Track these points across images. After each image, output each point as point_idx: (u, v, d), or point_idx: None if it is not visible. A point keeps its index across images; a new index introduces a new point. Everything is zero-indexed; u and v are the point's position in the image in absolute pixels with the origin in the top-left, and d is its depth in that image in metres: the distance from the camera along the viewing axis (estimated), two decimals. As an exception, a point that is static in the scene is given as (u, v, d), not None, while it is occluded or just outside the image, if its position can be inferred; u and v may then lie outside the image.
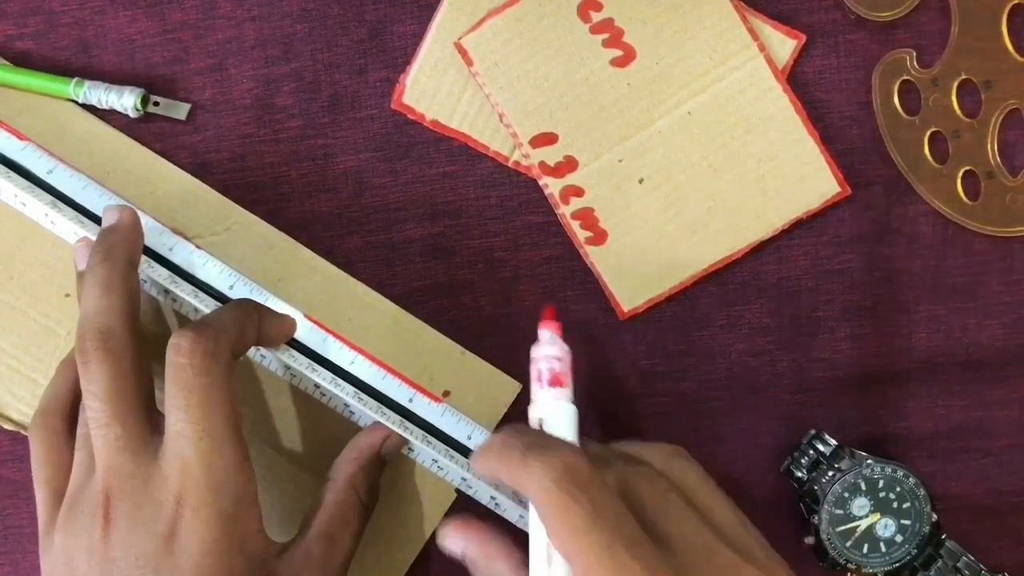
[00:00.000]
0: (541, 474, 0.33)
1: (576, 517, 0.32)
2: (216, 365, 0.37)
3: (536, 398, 0.38)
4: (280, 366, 0.43)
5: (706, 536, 0.34)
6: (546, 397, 0.38)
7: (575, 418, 0.38)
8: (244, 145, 0.45)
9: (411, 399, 0.43)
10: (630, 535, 0.32)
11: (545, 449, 0.34)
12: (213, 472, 0.36)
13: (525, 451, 0.34)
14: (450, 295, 0.45)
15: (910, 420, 0.45)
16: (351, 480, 0.41)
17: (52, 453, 0.40)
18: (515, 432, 0.36)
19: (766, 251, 0.45)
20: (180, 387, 0.36)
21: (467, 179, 0.45)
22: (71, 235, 0.43)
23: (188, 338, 0.36)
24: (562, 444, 0.35)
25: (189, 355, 0.36)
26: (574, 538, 0.32)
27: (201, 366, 0.36)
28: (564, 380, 0.38)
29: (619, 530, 0.32)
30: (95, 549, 0.36)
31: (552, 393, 0.38)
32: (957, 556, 0.43)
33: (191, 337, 0.36)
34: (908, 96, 0.44)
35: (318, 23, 0.45)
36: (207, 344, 0.36)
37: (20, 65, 0.45)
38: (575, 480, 0.32)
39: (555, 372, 0.38)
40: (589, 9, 0.44)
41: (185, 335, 0.36)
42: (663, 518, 0.34)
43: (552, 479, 0.32)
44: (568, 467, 0.33)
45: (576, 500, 0.32)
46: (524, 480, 0.33)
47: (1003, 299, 0.45)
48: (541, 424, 0.38)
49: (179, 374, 0.36)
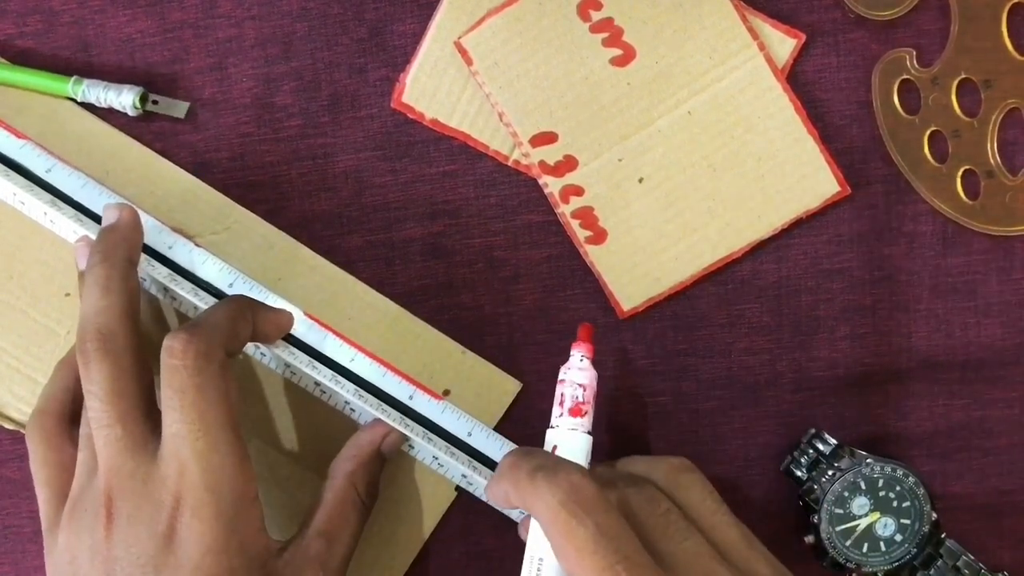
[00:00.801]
0: (548, 495, 0.34)
1: (580, 538, 0.33)
2: (210, 365, 0.37)
3: (555, 423, 0.39)
4: (280, 364, 0.43)
5: (705, 556, 0.35)
6: (564, 425, 0.39)
7: (588, 447, 0.39)
8: (244, 144, 0.45)
9: (411, 396, 0.43)
10: (632, 556, 0.33)
11: (553, 471, 0.35)
12: (211, 472, 0.36)
13: (533, 472, 0.35)
14: (450, 294, 0.45)
15: (910, 419, 0.45)
16: (350, 478, 0.41)
17: (51, 453, 0.40)
18: (525, 454, 0.37)
19: (766, 251, 0.45)
20: (175, 389, 0.36)
21: (467, 178, 0.45)
22: (70, 234, 0.43)
23: (181, 339, 0.36)
24: (569, 466, 0.35)
25: (182, 356, 0.36)
26: (578, 558, 0.33)
27: (195, 367, 0.36)
28: (584, 410, 0.39)
29: (621, 551, 0.33)
30: (98, 548, 0.36)
31: (570, 423, 0.39)
32: (957, 555, 0.43)
33: (184, 338, 0.36)
34: (908, 95, 0.44)
35: (318, 22, 0.45)
36: (200, 345, 0.36)
37: (20, 64, 0.45)
38: (580, 501, 0.34)
39: (577, 402, 0.39)
40: (589, 8, 0.44)
41: (178, 336, 0.37)
42: (664, 539, 0.35)
43: (559, 500, 0.34)
44: (574, 489, 0.34)
45: (580, 521, 0.33)
46: (531, 500, 0.35)
47: (1003, 299, 0.45)
48: (555, 449, 0.39)
49: (173, 376, 0.36)
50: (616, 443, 0.45)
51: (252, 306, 0.41)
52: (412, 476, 0.44)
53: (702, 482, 0.38)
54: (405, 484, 0.44)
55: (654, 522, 0.36)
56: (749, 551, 0.36)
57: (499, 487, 0.37)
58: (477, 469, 0.42)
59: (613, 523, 0.34)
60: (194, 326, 0.37)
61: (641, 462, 0.40)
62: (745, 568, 0.35)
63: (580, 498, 0.34)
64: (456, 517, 0.45)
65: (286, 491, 0.44)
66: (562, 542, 0.33)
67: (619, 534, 0.33)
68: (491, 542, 0.46)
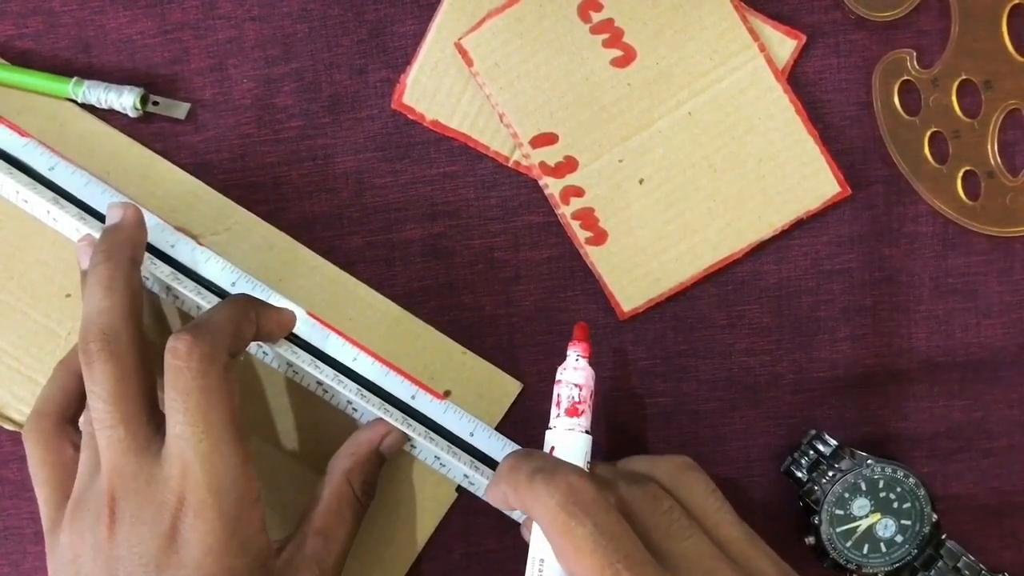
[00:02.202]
0: (547, 497, 0.34)
1: (579, 538, 0.33)
2: (214, 367, 0.36)
3: (553, 424, 0.39)
4: (283, 363, 0.43)
5: (707, 555, 0.35)
6: (561, 425, 0.39)
7: (587, 447, 0.39)
8: (244, 145, 0.45)
9: (413, 396, 0.43)
10: (633, 555, 0.33)
11: (551, 473, 0.35)
12: (214, 474, 0.36)
13: (532, 474, 0.35)
14: (450, 295, 0.45)
15: (910, 420, 0.45)
16: (347, 476, 0.41)
17: (49, 454, 0.40)
18: (524, 456, 0.37)
19: (766, 251, 0.45)
20: (179, 390, 0.36)
21: (467, 179, 0.45)
22: (73, 232, 0.43)
23: (185, 341, 0.36)
24: (568, 467, 0.36)
25: (186, 358, 0.36)
26: (578, 558, 0.33)
27: (199, 369, 0.36)
28: (581, 410, 0.39)
29: (621, 550, 0.33)
30: (100, 548, 0.36)
31: (567, 423, 0.39)
32: (957, 556, 0.43)
33: (187, 340, 0.36)
34: (908, 96, 0.44)
35: (318, 23, 0.45)
36: (204, 347, 0.36)
37: (20, 65, 0.45)
38: (579, 502, 0.34)
39: (574, 402, 0.39)
40: (589, 9, 0.44)
41: (181, 338, 0.36)
42: (665, 537, 0.35)
43: (557, 502, 0.34)
44: (573, 489, 0.34)
45: (580, 522, 0.33)
46: (530, 502, 0.35)
47: (1003, 299, 0.45)
48: (552, 450, 0.39)
49: (177, 377, 0.36)
50: (616, 444, 0.45)
51: (255, 305, 0.41)
52: (413, 477, 0.44)
53: (705, 480, 0.38)
54: (406, 485, 0.44)
55: (655, 521, 0.36)
56: (752, 549, 0.36)
57: (498, 490, 0.37)
58: (479, 469, 0.42)
59: (612, 522, 0.34)
60: (197, 327, 0.37)
61: (643, 461, 0.40)
62: (748, 566, 0.35)
63: (579, 499, 0.34)
64: (457, 518, 0.45)
65: (288, 491, 0.44)
66: (561, 543, 0.34)
67: (618, 533, 0.33)
68: (492, 543, 0.46)
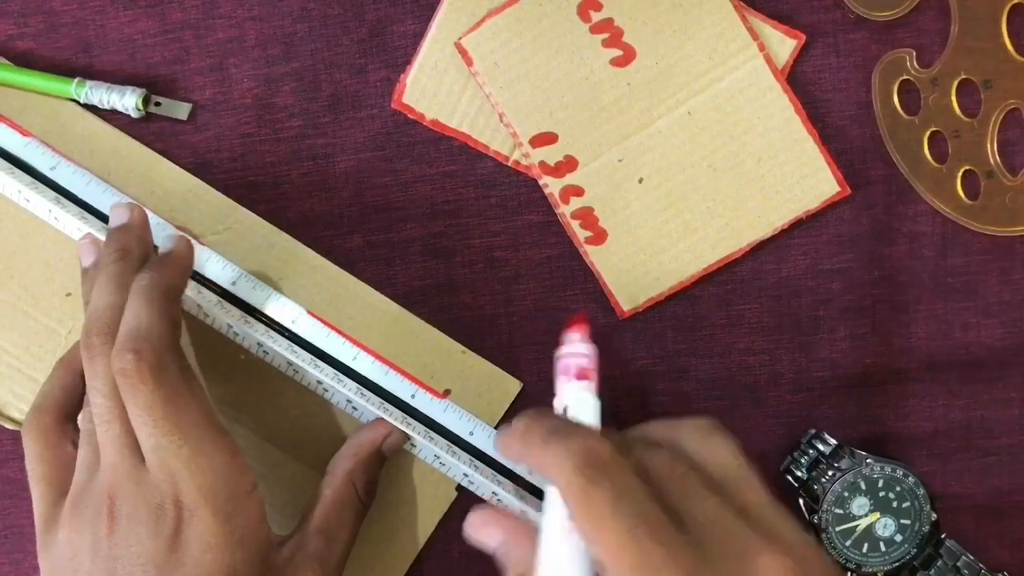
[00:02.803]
0: (563, 459, 0.33)
1: (598, 502, 0.32)
2: (166, 373, 0.36)
3: (561, 391, 0.38)
4: (283, 361, 0.43)
5: (727, 518, 0.33)
6: (572, 389, 0.37)
7: (599, 409, 0.37)
8: (245, 145, 0.45)
9: (413, 395, 0.43)
10: (651, 518, 0.32)
11: (567, 435, 0.34)
12: (202, 475, 0.36)
13: (547, 436, 0.34)
14: (450, 294, 0.45)
15: (910, 419, 0.45)
16: (349, 475, 0.41)
17: (47, 450, 0.40)
18: (538, 417, 0.36)
19: (766, 251, 0.45)
20: (141, 407, 0.36)
21: (467, 179, 0.45)
22: (75, 231, 0.43)
23: (128, 360, 0.36)
24: (584, 430, 0.35)
25: (137, 376, 0.35)
26: (596, 522, 0.32)
27: (153, 381, 0.36)
28: (591, 375, 0.38)
29: (640, 514, 0.32)
30: (99, 546, 0.36)
31: (578, 385, 0.37)
32: (957, 556, 0.43)
33: (131, 358, 0.36)
34: (908, 96, 0.44)
35: (318, 23, 0.45)
36: (149, 358, 0.36)
37: (21, 65, 0.45)
38: (596, 465, 0.32)
39: (582, 367, 0.38)
40: (589, 9, 0.44)
41: (123, 357, 0.36)
42: (683, 500, 0.34)
43: (574, 464, 0.32)
44: (590, 452, 0.33)
45: (598, 485, 0.32)
46: (547, 465, 0.34)
47: (1003, 299, 0.45)
48: (565, 412, 0.37)
49: (135, 395, 0.36)
50: (616, 443, 0.45)
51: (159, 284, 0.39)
52: (413, 476, 0.44)
53: (729, 443, 0.36)
54: (406, 484, 0.44)
55: (673, 484, 0.34)
56: (775, 516, 0.34)
57: (511, 449, 0.36)
58: (479, 468, 0.42)
59: (631, 485, 0.32)
60: (133, 339, 0.36)
61: (665, 425, 0.38)
62: (769, 533, 0.33)
63: (596, 461, 0.32)
64: (457, 517, 0.45)
65: (289, 490, 0.44)
66: (579, 507, 0.32)
67: (637, 496, 0.32)
68: (491, 542, 0.45)
